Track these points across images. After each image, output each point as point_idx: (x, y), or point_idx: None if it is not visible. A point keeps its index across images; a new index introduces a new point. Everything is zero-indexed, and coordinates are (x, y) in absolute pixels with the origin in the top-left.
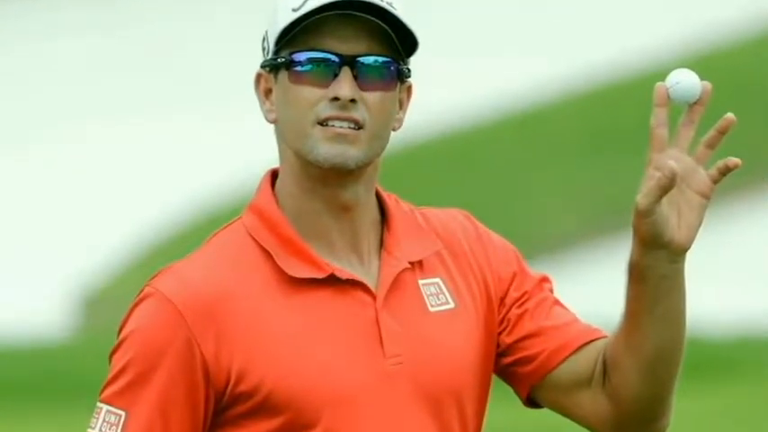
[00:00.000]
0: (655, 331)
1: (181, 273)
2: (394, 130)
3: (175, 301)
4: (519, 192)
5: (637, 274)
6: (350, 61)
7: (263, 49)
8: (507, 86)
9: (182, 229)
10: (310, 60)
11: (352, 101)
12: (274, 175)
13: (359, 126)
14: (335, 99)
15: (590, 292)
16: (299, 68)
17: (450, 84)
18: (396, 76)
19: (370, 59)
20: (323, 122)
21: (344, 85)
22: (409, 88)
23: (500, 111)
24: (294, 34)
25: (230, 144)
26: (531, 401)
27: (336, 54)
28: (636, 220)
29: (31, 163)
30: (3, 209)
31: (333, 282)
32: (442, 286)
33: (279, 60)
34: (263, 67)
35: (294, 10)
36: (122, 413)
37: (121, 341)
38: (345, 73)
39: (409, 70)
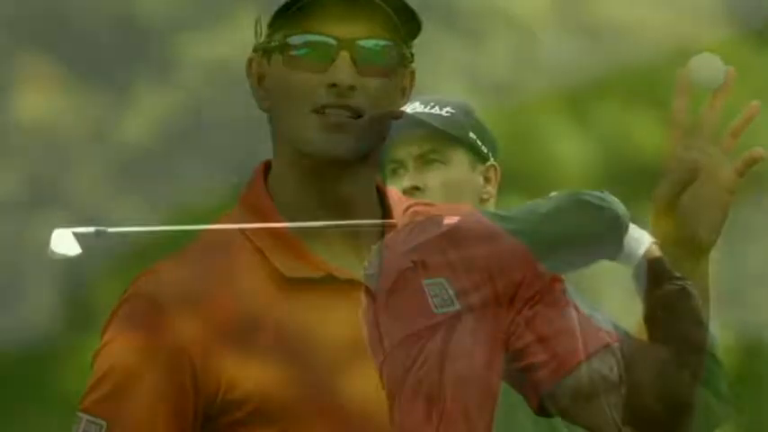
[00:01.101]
0: (674, 336)
1: (167, 273)
2: (395, 119)
3: (161, 303)
4: None
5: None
6: (348, 45)
7: (256, 32)
8: None
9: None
10: (306, 44)
11: (351, 87)
12: (267, 167)
13: (358, 114)
14: (333, 85)
15: None
16: (293, 52)
17: None
18: (398, 60)
19: (370, 43)
20: (320, 110)
21: (343, 71)
22: (412, 74)
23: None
24: (289, 16)
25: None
26: (543, 409)
27: (334, 37)
28: (655, 214)
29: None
30: None
31: (330, 281)
32: (447, 287)
33: (272, 44)
34: (255, 50)
35: None
36: (103, 423)
37: (103, 346)
38: (344, 57)
39: (412, 55)
